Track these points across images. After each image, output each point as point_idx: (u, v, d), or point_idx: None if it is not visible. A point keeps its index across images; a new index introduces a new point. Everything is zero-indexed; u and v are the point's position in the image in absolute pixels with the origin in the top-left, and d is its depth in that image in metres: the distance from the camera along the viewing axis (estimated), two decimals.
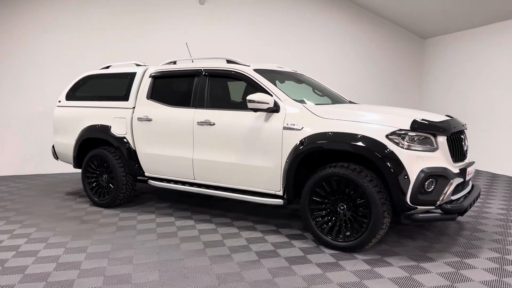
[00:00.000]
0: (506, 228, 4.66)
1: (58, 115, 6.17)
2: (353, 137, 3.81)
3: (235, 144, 4.52)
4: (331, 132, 3.93)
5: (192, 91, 5.00)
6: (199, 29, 8.97)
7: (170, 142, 5.02)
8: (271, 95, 4.37)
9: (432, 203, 3.70)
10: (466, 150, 4.32)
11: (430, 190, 3.66)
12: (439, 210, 3.75)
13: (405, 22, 10.09)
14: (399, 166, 3.61)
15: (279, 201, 4.34)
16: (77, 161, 5.94)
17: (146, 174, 5.39)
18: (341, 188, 3.92)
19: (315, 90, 5.53)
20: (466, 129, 4.47)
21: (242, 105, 4.89)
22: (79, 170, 8.05)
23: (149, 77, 5.42)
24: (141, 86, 5.45)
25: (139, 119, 5.27)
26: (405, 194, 3.61)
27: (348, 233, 3.91)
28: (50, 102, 7.98)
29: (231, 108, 4.81)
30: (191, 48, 8.70)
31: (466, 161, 4.26)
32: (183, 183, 5.08)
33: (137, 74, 5.56)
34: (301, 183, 4.26)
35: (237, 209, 5.51)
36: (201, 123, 4.75)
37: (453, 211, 3.72)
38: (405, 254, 3.87)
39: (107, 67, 6.18)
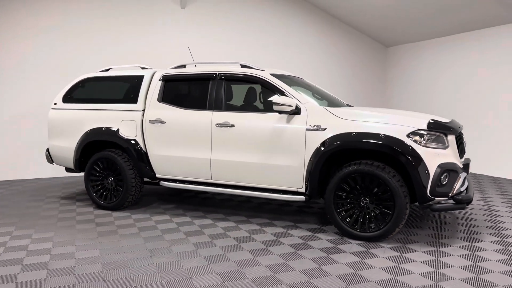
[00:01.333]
0: (493, 216, 5.28)
1: (54, 118, 6.04)
2: (377, 136, 4.19)
3: (257, 144, 4.75)
4: (354, 133, 4.29)
5: (208, 94, 5.16)
6: (180, 33, 9.06)
7: (186, 144, 5.14)
8: (292, 98, 4.66)
9: (446, 194, 4.17)
10: (464, 148, 4.87)
11: (444, 183, 4.13)
12: (451, 201, 4.24)
13: (370, 31, 10.80)
14: (420, 162, 4.04)
15: (301, 198, 4.63)
16: (79, 164, 5.85)
17: (157, 175, 5.45)
18: (364, 184, 4.28)
19: (315, 94, 5.87)
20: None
21: (260, 108, 5.15)
22: (60, 174, 8.01)
23: (159, 80, 5.49)
24: (150, 89, 5.52)
25: (151, 121, 5.34)
26: (426, 187, 4.05)
27: (372, 225, 4.28)
28: (31, 107, 7.72)
29: (249, 110, 5.03)
30: (171, 52, 8.85)
31: (465, 157, 4.80)
32: (199, 183, 5.22)
33: (145, 77, 5.62)
34: (322, 180, 4.57)
35: (244, 208, 5.72)
36: (219, 125, 4.93)
37: (464, 201, 4.21)
38: (421, 241, 4.31)
39: (107, 70, 6.15)
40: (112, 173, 5.61)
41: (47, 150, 6.24)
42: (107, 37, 8.45)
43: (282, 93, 4.78)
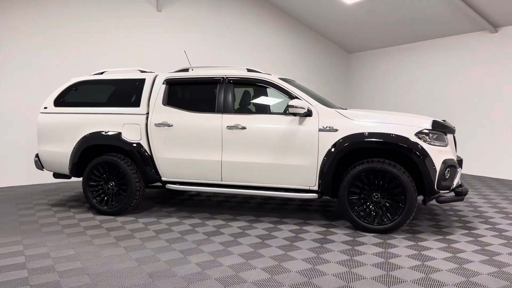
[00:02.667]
0: (475, 207, 5.85)
1: (45, 122, 5.83)
2: (388, 136, 4.54)
3: (269, 145, 4.94)
4: (367, 133, 4.62)
5: (216, 97, 5.27)
6: (156, 36, 9.02)
7: (195, 146, 5.20)
8: (304, 101, 4.91)
9: (448, 187, 4.62)
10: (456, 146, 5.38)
11: (447, 177, 4.57)
12: (452, 193, 4.69)
13: (334, 38, 11.36)
14: (428, 158, 4.45)
15: (314, 195, 4.89)
16: (76, 170, 5.69)
17: (163, 178, 5.46)
18: (377, 180, 4.61)
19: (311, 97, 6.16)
20: None
21: (270, 110, 5.35)
22: (33, 182, 7.66)
23: (163, 83, 5.51)
24: (153, 92, 5.52)
25: (157, 124, 5.34)
26: (433, 182, 4.46)
27: (385, 218, 4.62)
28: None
29: (259, 113, 5.21)
30: (148, 56, 8.80)
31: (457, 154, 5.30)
32: (207, 184, 5.30)
33: (146, 80, 5.61)
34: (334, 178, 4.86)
35: (246, 208, 5.88)
36: (230, 127, 5.06)
37: (463, 193, 4.68)
38: (426, 231, 4.72)
39: (101, 73, 6.04)
40: (113, 178, 5.52)
41: (37, 155, 5.99)
42: (83, 41, 8.22)
43: (293, 96, 5.01)
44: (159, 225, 5.04)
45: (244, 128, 5.02)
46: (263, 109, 5.46)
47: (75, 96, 5.88)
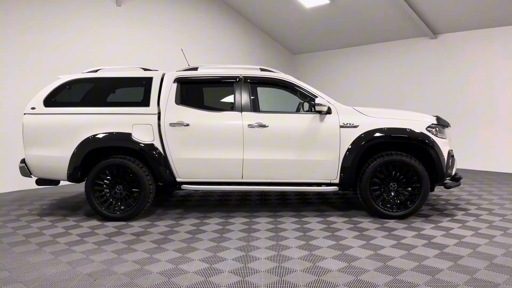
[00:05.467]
0: (458, 195, 6.68)
1: (33, 124, 5.31)
2: (404, 131, 5.04)
3: (292, 142, 5.14)
4: (385, 128, 5.07)
5: (234, 96, 5.31)
6: (115, 31, 8.60)
7: (215, 145, 5.19)
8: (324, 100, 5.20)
9: (450, 175, 5.27)
10: None
11: (450, 166, 5.22)
12: (453, 181, 5.35)
13: (280, 39, 11.82)
14: (439, 150, 5.04)
15: (335, 188, 5.21)
16: (79, 174, 5.28)
17: (178, 179, 5.34)
18: (394, 171, 5.08)
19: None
20: None
21: (289, 108, 5.53)
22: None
23: (174, 82, 5.38)
24: (164, 91, 5.36)
25: (172, 124, 5.21)
26: (444, 170, 5.07)
27: (402, 206, 5.11)
28: None
29: (279, 111, 5.37)
30: (110, 51, 8.38)
31: None
32: (227, 183, 5.31)
33: (154, 79, 5.42)
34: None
35: (251, 204, 5.99)
36: (252, 126, 5.15)
37: (460, 178, 5.38)
38: (431, 217, 5.32)
39: (95, 71, 5.67)
40: (122, 181, 5.25)
41: (23, 161, 5.43)
42: (41, 36, 7.53)
43: (312, 95, 5.26)
44: (184, 226, 4.95)
45: (266, 126, 5.14)
46: (282, 108, 5.62)
47: (69, 95, 5.44)
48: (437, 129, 5.17)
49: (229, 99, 5.38)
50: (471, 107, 9.08)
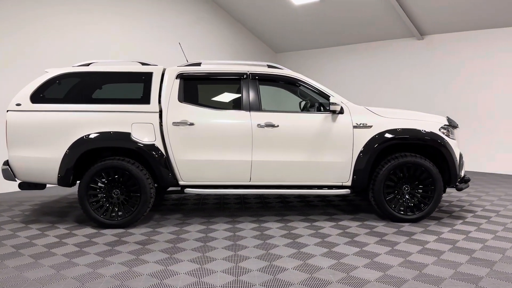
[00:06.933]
0: (458, 196, 6.65)
1: (19, 122, 4.80)
2: (420, 132, 4.91)
3: (303, 143, 4.90)
4: (399, 129, 4.92)
5: (242, 94, 5.00)
6: (101, 25, 8.07)
7: (222, 146, 4.87)
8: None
9: (460, 177, 5.19)
10: None
11: (461, 167, 5.15)
12: (462, 182, 5.28)
13: (263, 37, 11.58)
14: (452, 151, 4.95)
15: (347, 191, 5.01)
16: (72, 177, 4.82)
17: (181, 182, 4.97)
18: (408, 173, 4.94)
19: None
20: None
21: (300, 108, 5.29)
22: None
23: (176, 78, 5.02)
24: (165, 87, 4.99)
25: (175, 123, 4.85)
26: (457, 172, 4.98)
27: (415, 209, 4.98)
28: None
29: (289, 110, 5.11)
30: (95, 46, 7.86)
31: None
32: (234, 186, 5.00)
33: (154, 74, 5.03)
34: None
35: (253, 208, 5.71)
36: (261, 126, 4.87)
37: (469, 180, 5.32)
38: (443, 220, 5.22)
39: (87, 65, 5.22)
40: (119, 185, 4.84)
41: (6, 163, 4.90)
42: (27, 28, 6.93)
43: (323, 94, 5.04)
44: (195, 233, 4.59)
45: (277, 126, 4.88)
46: (291, 107, 5.37)
47: (60, 90, 4.96)
48: (449, 130, 5.08)
49: (236, 97, 5.07)
50: (456, 108, 9.17)
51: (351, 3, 8.93)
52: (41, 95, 4.88)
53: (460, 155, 5.14)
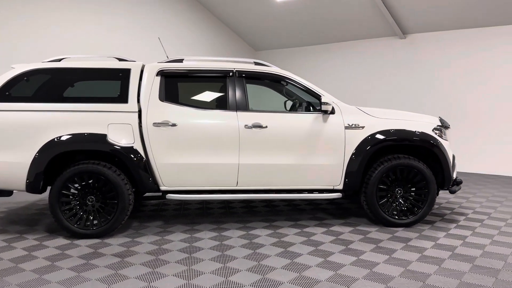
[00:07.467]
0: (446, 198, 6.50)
1: None
2: (414, 133, 4.72)
3: (294, 145, 4.63)
4: (393, 130, 4.71)
5: (228, 93, 4.70)
6: (73, 20, 7.60)
7: (207, 148, 4.55)
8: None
9: (453, 179, 5.03)
10: None
11: (453, 169, 4.99)
12: (454, 185, 5.13)
13: (243, 34, 11.27)
14: (446, 152, 4.78)
15: (338, 195, 4.77)
16: (42, 183, 4.40)
17: (162, 188, 4.62)
18: (401, 176, 4.74)
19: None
20: None
21: (286, 107, 5.02)
22: None
23: (157, 75, 4.66)
24: (145, 85, 4.63)
25: (156, 124, 4.50)
26: (451, 174, 4.81)
27: (408, 213, 4.78)
28: None
29: (277, 110, 4.84)
30: (67, 40, 7.42)
31: None
32: (220, 191, 4.69)
33: (132, 70, 4.67)
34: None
35: (239, 213, 5.42)
36: (249, 127, 4.58)
37: (461, 182, 5.18)
38: (436, 223, 5.06)
39: (59, 60, 4.80)
40: (95, 191, 4.45)
41: None
42: None
43: (313, 93, 4.79)
44: (192, 241, 4.25)
45: (265, 127, 4.59)
46: (280, 106, 5.10)
47: (28, 88, 4.53)
48: (442, 130, 4.92)
49: (222, 96, 4.76)
50: (439, 107, 9.11)
51: (334, 0, 8.72)
52: (7, 93, 4.44)
53: (453, 157, 4.98)
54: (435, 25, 8.85)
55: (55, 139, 4.33)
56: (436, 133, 4.82)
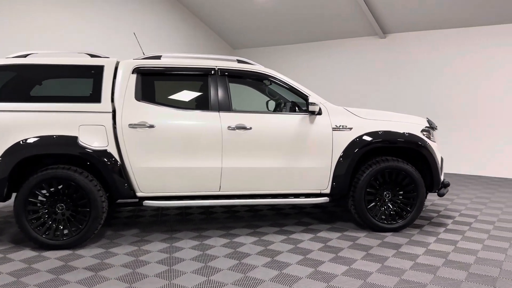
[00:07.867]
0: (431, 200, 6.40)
1: None
2: (403, 135, 4.57)
3: (280, 148, 4.41)
4: (381, 131, 4.54)
5: (210, 92, 4.43)
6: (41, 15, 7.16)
7: (187, 151, 4.27)
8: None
9: (441, 181, 4.91)
10: None
11: (441, 170, 4.87)
12: (442, 187, 5.00)
13: (220, 31, 10.98)
14: (434, 154, 4.65)
15: (326, 199, 4.58)
16: (6, 190, 4.02)
17: (139, 194, 4.31)
18: (389, 179, 4.58)
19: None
20: None
21: (268, 108, 4.79)
22: None
23: (132, 73, 4.35)
24: (119, 84, 4.31)
25: (132, 125, 4.19)
26: (440, 176, 4.68)
27: (397, 217, 4.63)
28: None
29: (262, 111, 4.61)
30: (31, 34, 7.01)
31: None
32: (202, 197, 4.42)
33: (105, 67, 4.33)
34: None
35: (221, 219, 5.15)
36: (232, 128, 4.32)
37: (448, 186, 5.05)
38: (424, 227, 4.93)
39: (25, 56, 4.42)
40: (65, 198, 4.11)
41: None
42: None
43: (299, 93, 4.58)
44: (177, 251, 3.95)
45: (250, 128, 4.34)
46: (264, 107, 4.85)
47: None
48: (430, 132, 4.79)
49: (203, 95, 4.48)
50: (418, 107, 9.06)
51: None
52: None
53: (441, 159, 4.86)
54: (415, 25, 8.80)
55: (21, 142, 3.97)
56: (424, 135, 4.68)
